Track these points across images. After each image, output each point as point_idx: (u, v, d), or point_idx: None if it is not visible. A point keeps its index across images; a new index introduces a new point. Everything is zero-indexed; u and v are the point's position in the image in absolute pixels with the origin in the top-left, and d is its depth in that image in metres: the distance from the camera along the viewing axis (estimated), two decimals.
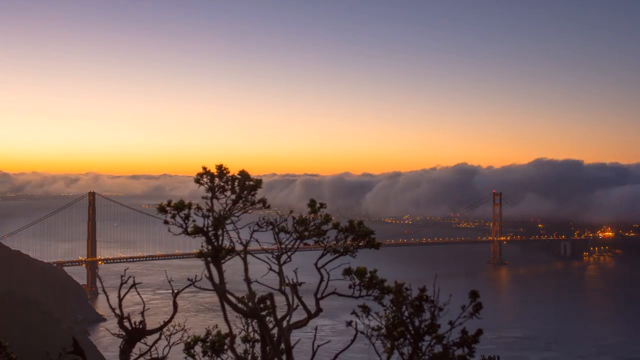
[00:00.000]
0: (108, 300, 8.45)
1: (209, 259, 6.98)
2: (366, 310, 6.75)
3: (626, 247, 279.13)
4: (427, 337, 6.23)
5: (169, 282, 8.37)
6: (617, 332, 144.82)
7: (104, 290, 9.03)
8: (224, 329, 8.85)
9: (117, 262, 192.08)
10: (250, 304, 7.85)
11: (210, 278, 6.60)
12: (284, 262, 8.25)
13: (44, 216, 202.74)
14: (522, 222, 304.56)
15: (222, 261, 7.51)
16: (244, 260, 6.89)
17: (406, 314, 6.38)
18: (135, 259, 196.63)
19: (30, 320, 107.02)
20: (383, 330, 6.52)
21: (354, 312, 6.71)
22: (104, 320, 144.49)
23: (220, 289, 6.77)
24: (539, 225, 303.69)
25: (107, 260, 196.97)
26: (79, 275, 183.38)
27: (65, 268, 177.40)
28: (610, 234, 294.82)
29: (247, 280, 7.03)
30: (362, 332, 6.58)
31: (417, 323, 6.09)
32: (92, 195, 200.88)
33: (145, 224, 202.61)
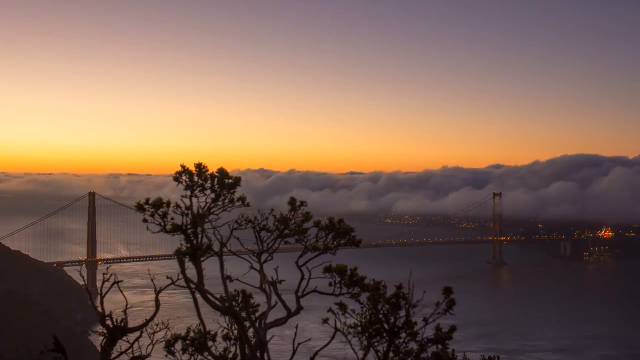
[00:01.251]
0: (90, 298, 8.48)
1: (187, 257, 7.01)
2: (343, 307, 6.77)
3: (626, 247, 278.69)
4: (402, 334, 6.24)
5: (152, 280, 8.40)
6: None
7: (90, 290, 9.06)
8: (208, 327, 8.88)
9: (117, 262, 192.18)
10: (226, 301, 7.89)
11: (184, 275, 6.61)
12: (265, 261, 8.28)
13: (43, 216, 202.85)
14: (522, 222, 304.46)
15: (202, 259, 7.54)
16: (220, 257, 6.91)
17: (383, 311, 6.41)
18: (135, 259, 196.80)
19: (30, 320, 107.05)
20: (359, 328, 6.54)
21: (330, 310, 6.74)
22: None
23: (198, 287, 6.80)
24: (539, 225, 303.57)
25: (106, 261, 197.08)
26: (79, 275, 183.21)
27: (65, 268, 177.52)
28: (610, 233, 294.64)
29: (223, 278, 7.04)
30: (338, 330, 6.60)
31: (392, 320, 6.09)
32: (92, 195, 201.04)
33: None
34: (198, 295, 7.16)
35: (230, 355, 7.94)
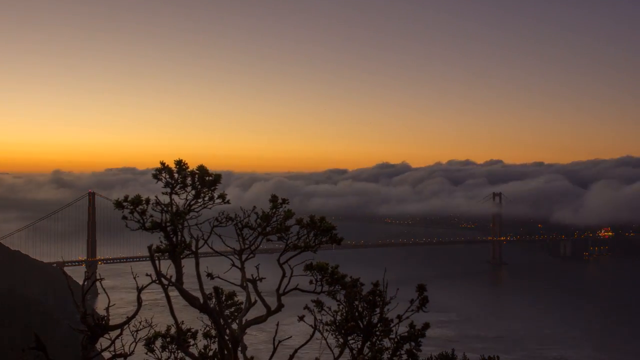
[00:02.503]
0: (72, 296, 8.47)
1: (165, 254, 7.00)
2: (319, 305, 6.75)
3: (626, 247, 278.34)
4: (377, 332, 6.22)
5: (134, 278, 8.37)
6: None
7: (72, 296, 9.04)
8: (190, 325, 8.88)
9: (116, 262, 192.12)
10: (208, 299, 7.89)
11: (156, 272, 6.60)
12: (247, 258, 8.27)
13: (43, 216, 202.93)
14: (522, 221, 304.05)
15: (182, 257, 7.53)
16: (195, 255, 6.90)
17: (359, 308, 6.39)
18: (135, 259, 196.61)
19: (30, 320, 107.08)
20: (334, 326, 6.52)
21: (307, 307, 6.72)
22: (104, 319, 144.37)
23: (176, 284, 6.79)
24: (539, 225, 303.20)
25: (107, 261, 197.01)
26: (80, 275, 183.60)
27: (65, 268, 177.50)
28: (610, 233, 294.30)
29: (198, 275, 7.03)
30: (314, 327, 6.58)
31: (366, 318, 6.08)
32: (91, 195, 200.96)
33: None
34: (177, 293, 7.15)
35: (210, 353, 7.93)
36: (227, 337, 6.93)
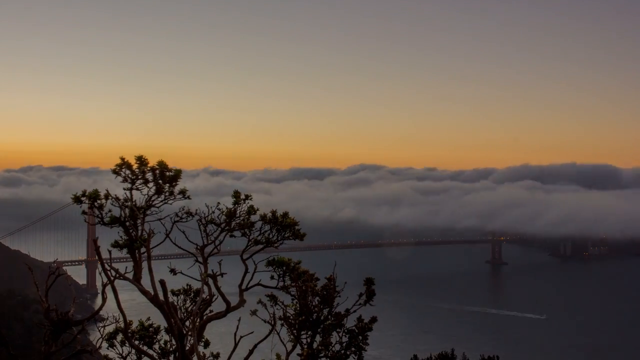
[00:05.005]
0: (38, 291, 8.49)
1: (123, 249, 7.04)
2: (273, 299, 6.78)
3: (626, 247, 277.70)
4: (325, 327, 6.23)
5: (99, 274, 8.40)
6: None
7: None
8: (160, 322, 8.89)
9: (116, 262, 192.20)
10: (177, 293, 7.93)
11: (102, 266, 6.62)
12: (211, 254, 8.29)
13: (44, 216, 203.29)
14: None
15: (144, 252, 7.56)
16: (147, 249, 6.92)
17: (313, 303, 6.41)
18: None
19: (30, 320, 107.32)
20: (289, 320, 6.54)
21: (260, 302, 6.75)
22: (104, 319, 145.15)
23: (133, 279, 6.82)
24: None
25: (106, 261, 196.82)
26: (80, 275, 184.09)
27: (65, 268, 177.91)
28: None
29: (150, 269, 7.06)
30: (265, 321, 6.61)
31: (315, 312, 6.10)
32: None
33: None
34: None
35: (172, 349, 7.95)
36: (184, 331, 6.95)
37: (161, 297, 7.94)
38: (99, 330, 9.00)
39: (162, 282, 7.18)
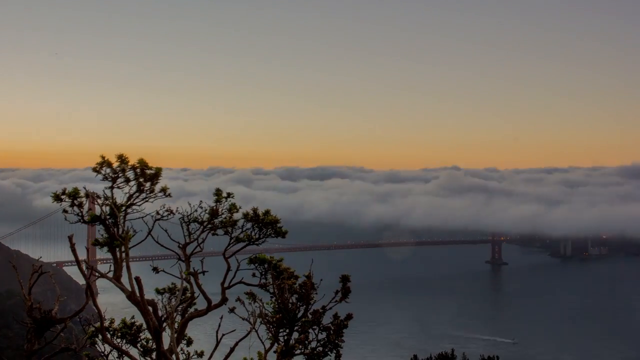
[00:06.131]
0: (22, 288, 8.53)
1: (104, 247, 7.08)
2: (251, 297, 6.81)
3: (626, 247, 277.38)
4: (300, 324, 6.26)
5: (82, 273, 8.43)
6: None
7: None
8: (140, 320, 8.91)
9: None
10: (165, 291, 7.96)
11: (78, 264, 6.65)
12: (193, 252, 8.32)
13: (43, 216, 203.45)
14: None
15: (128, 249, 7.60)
16: (125, 247, 6.95)
17: (291, 301, 6.44)
18: (135, 259, 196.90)
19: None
20: (267, 318, 6.57)
21: (238, 299, 6.77)
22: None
23: (113, 276, 6.86)
24: None
25: (107, 261, 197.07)
26: (79, 275, 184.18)
27: (65, 268, 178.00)
28: None
29: (127, 267, 7.08)
30: (244, 319, 6.64)
31: (291, 309, 6.12)
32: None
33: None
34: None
35: (154, 346, 7.97)
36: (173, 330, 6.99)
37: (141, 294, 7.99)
38: (84, 329, 9.04)
39: (138, 279, 7.21)
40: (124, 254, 7.84)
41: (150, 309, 7.19)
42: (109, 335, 8.24)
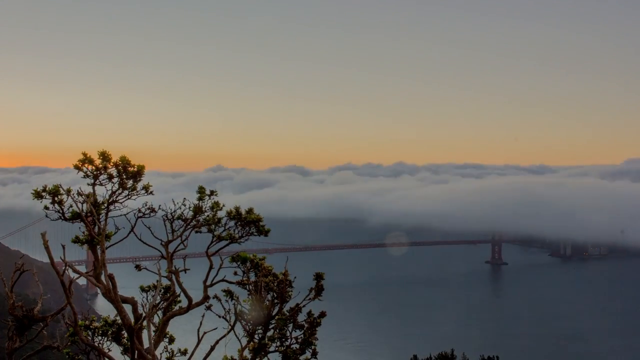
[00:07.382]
0: (5, 286, 8.50)
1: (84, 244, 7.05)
2: (229, 294, 6.78)
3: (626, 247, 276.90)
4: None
5: (64, 272, 8.41)
6: None
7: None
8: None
9: (117, 262, 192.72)
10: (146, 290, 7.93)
11: (52, 262, 6.64)
12: (176, 250, 8.29)
13: (43, 216, 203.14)
14: None
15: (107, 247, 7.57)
16: (102, 243, 6.92)
17: (268, 298, 6.41)
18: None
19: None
20: (244, 315, 6.54)
21: (215, 297, 6.74)
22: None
23: (93, 273, 6.83)
24: None
25: (107, 261, 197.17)
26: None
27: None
28: None
29: (104, 264, 7.05)
30: (220, 317, 6.61)
31: (268, 307, 6.09)
32: None
33: None
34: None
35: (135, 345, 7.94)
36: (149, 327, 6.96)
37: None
38: (67, 327, 9.01)
39: (111, 277, 7.19)
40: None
41: (131, 307, 7.18)
42: (90, 334, 8.21)
